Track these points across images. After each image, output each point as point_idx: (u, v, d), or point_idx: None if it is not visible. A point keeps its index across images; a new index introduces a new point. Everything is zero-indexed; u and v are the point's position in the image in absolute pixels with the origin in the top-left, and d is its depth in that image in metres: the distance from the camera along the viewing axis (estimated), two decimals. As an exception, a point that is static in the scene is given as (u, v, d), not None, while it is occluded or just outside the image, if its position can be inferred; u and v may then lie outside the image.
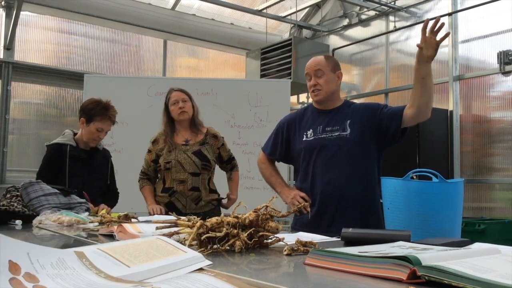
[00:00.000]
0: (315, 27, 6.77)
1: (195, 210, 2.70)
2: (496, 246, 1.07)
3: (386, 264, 0.83)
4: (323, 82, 2.23)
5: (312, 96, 2.29)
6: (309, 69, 2.28)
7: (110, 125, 2.78)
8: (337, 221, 2.12)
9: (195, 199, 2.73)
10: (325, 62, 2.26)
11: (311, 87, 2.26)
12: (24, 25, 5.35)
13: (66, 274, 0.72)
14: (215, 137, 2.89)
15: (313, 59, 2.30)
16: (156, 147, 2.84)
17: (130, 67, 6.06)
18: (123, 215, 1.75)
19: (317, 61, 2.27)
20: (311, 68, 2.27)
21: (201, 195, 2.75)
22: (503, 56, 4.67)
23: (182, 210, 2.70)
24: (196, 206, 2.73)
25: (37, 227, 1.83)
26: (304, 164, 2.27)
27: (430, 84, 2.01)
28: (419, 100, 2.04)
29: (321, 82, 2.23)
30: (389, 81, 5.90)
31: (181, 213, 2.59)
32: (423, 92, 2.02)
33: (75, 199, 2.23)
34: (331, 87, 2.26)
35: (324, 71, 2.24)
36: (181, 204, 2.73)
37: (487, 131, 4.90)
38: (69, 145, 2.72)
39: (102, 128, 2.74)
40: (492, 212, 4.80)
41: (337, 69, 2.30)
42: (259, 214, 1.24)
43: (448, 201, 1.88)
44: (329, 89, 2.25)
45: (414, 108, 2.07)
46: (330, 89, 2.25)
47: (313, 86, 2.25)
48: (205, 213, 2.64)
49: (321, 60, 2.27)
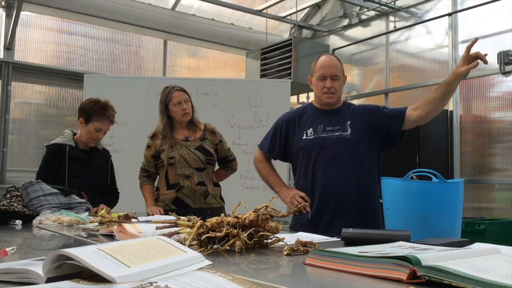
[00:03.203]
0: (315, 27, 6.77)
1: (204, 204, 2.69)
2: (496, 246, 1.07)
3: (386, 264, 0.83)
4: (338, 87, 2.27)
5: (324, 97, 2.27)
6: (326, 71, 2.25)
7: (108, 125, 2.77)
8: (336, 221, 2.12)
9: (203, 193, 2.72)
10: (340, 66, 2.30)
11: (325, 89, 2.25)
12: (24, 25, 5.35)
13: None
14: (213, 133, 2.87)
15: (329, 61, 2.28)
16: (155, 142, 2.81)
17: (130, 67, 6.06)
18: (123, 215, 1.75)
19: (334, 64, 2.27)
20: (328, 70, 2.25)
21: (208, 189, 2.74)
22: (503, 56, 4.67)
23: (192, 205, 2.68)
24: (205, 200, 2.72)
25: (37, 227, 1.83)
26: (304, 163, 2.27)
27: (449, 98, 2.11)
28: (433, 108, 2.09)
29: (336, 86, 2.26)
30: (389, 81, 5.90)
31: (190, 209, 2.58)
32: (441, 104, 2.09)
33: (75, 199, 2.23)
34: (342, 91, 2.33)
35: (339, 76, 2.28)
36: (190, 199, 2.70)
37: (487, 131, 4.90)
38: (68, 145, 2.72)
39: (101, 128, 2.73)
40: (492, 212, 4.80)
41: (344, 72, 2.34)
42: (259, 214, 1.24)
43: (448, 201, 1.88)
44: (340, 93, 2.32)
45: (422, 112, 2.11)
46: (341, 93, 2.33)
47: (328, 88, 2.25)
48: (213, 211, 2.61)
49: (337, 63, 2.29)
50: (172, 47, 6.37)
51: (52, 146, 2.73)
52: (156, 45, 6.26)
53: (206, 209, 2.65)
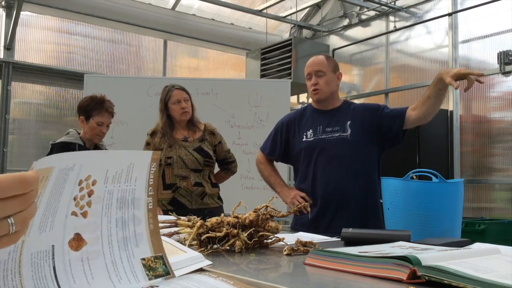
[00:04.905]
0: (315, 27, 6.78)
1: (201, 205, 2.68)
2: (496, 246, 1.07)
3: (386, 264, 0.83)
4: (323, 82, 2.24)
5: (311, 95, 2.29)
6: (310, 69, 2.28)
7: (109, 117, 2.77)
8: (336, 222, 2.12)
9: (199, 194, 2.71)
10: (326, 62, 2.27)
11: (312, 86, 2.26)
12: (24, 25, 5.35)
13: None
14: (213, 134, 2.86)
15: (314, 59, 2.31)
16: (154, 140, 2.79)
17: (130, 67, 6.06)
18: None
19: (318, 61, 2.28)
20: (312, 67, 2.27)
21: (205, 190, 2.73)
22: (503, 56, 4.67)
23: (188, 205, 2.67)
24: (202, 201, 2.71)
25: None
26: (304, 165, 2.26)
27: (443, 97, 2.06)
28: (429, 107, 2.06)
29: (322, 82, 2.24)
30: (389, 81, 5.90)
31: (187, 209, 2.58)
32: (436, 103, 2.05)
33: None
34: (331, 87, 2.27)
35: (325, 71, 2.25)
36: (187, 200, 2.69)
37: (487, 131, 4.90)
38: (77, 144, 2.72)
39: (102, 122, 2.73)
40: (492, 212, 4.80)
41: (337, 69, 2.31)
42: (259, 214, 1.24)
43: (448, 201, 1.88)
44: (329, 89, 2.26)
45: (420, 113, 2.09)
46: (330, 89, 2.26)
47: (314, 85, 2.25)
48: (210, 211, 2.61)
49: (322, 60, 2.28)
50: (172, 47, 6.37)
51: (60, 145, 2.71)
52: (156, 45, 6.27)
53: (203, 209, 2.65)
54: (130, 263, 0.73)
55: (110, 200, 0.72)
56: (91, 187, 0.67)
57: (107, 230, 0.71)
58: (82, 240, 0.67)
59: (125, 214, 0.74)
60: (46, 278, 0.63)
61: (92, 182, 0.67)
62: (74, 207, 0.66)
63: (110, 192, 0.71)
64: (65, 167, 0.60)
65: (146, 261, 0.75)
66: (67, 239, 0.66)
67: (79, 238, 0.67)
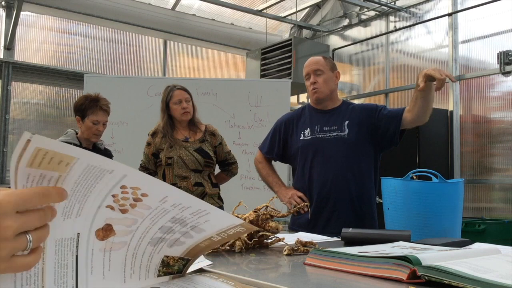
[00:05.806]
0: (315, 27, 6.78)
1: None
2: (496, 246, 1.07)
3: (386, 264, 0.83)
4: (322, 81, 2.25)
5: (310, 94, 2.30)
6: (308, 68, 2.30)
7: (104, 115, 2.77)
8: (333, 222, 2.12)
9: (199, 194, 2.71)
10: (324, 61, 2.29)
11: (311, 86, 2.27)
12: (24, 25, 5.35)
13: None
14: (213, 135, 2.85)
15: (312, 59, 2.33)
16: (155, 140, 2.79)
17: (130, 67, 6.06)
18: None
19: (315, 61, 2.30)
20: (310, 67, 2.29)
21: (205, 190, 2.73)
22: (503, 57, 4.67)
23: None
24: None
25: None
26: (301, 164, 2.26)
27: (431, 98, 2.03)
28: (420, 109, 2.04)
29: (320, 81, 2.25)
30: (389, 81, 5.90)
31: None
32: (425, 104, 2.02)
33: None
34: (330, 85, 2.28)
35: (323, 70, 2.26)
36: None
37: (487, 131, 4.90)
38: (72, 144, 2.72)
39: (98, 120, 2.74)
40: (492, 212, 4.80)
41: (334, 68, 2.33)
42: (259, 214, 1.24)
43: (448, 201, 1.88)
44: (328, 88, 2.27)
45: (413, 114, 2.08)
46: (329, 88, 2.27)
47: (313, 84, 2.26)
48: None
49: (319, 59, 2.30)
50: (172, 47, 6.37)
51: None
52: (156, 45, 6.27)
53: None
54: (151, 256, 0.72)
55: (162, 213, 0.69)
56: (138, 196, 0.64)
57: (145, 229, 0.69)
58: (111, 230, 0.66)
59: (177, 228, 0.72)
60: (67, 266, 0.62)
61: (142, 194, 0.64)
62: (112, 203, 0.63)
63: (166, 211, 0.68)
64: (98, 166, 0.58)
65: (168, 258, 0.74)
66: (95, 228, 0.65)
67: (109, 228, 0.66)
